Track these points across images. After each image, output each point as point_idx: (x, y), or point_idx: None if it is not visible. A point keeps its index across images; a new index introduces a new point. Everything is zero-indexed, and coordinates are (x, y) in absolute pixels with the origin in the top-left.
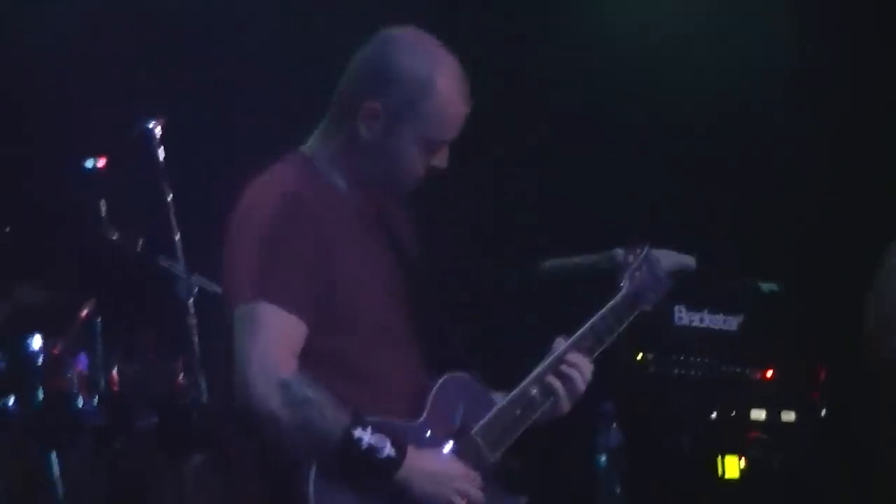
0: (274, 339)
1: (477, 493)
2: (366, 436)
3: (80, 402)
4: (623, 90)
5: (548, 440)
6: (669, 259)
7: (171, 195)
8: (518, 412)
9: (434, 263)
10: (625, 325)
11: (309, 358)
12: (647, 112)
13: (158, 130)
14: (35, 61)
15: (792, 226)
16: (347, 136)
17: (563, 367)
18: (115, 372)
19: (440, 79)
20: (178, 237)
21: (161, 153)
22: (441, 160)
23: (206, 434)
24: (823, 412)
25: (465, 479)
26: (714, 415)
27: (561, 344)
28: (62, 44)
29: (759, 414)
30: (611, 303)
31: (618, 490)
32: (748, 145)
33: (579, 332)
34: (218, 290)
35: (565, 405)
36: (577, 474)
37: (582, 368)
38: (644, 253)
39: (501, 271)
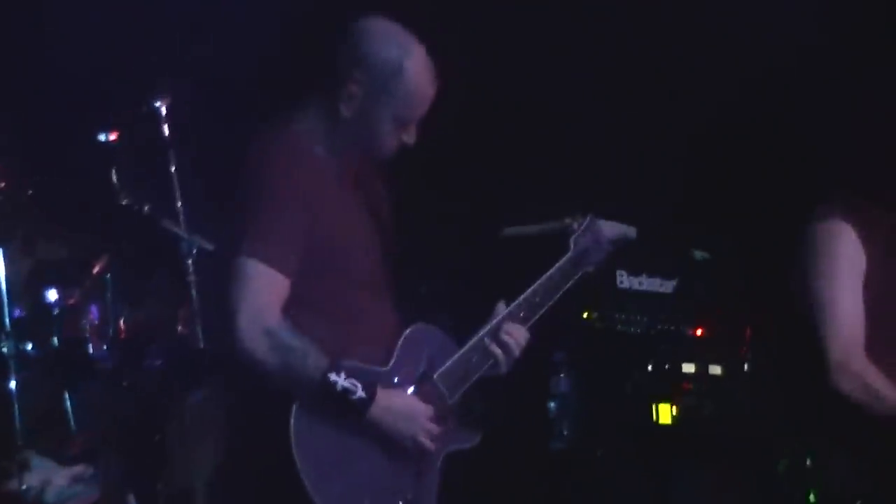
0: (260, 292)
1: (437, 429)
2: (340, 379)
3: (92, 348)
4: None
5: (505, 385)
6: (613, 229)
7: (175, 166)
8: (474, 359)
9: (406, 224)
10: (570, 283)
11: (295, 305)
12: (596, 87)
13: (164, 109)
14: (53, 46)
15: (722, 197)
16: (328, 114)
17: (501, 336)
18: (123, 321)
19: (410, 64)
20: (179, 203)
21: (166, 129)
22: (410, 137)
23: (203, 375)
24: (746, 367)
25: (429, 418)
26: (650, 367)
27: (501, 309)
28: (78, 30)
29: (689, 367)
30: (558, 263)
31: (566, 431)
32: (684, 119)
33: (519, 298)
34: (213, 249)
35: (503, 367)
36: (531, 417)
37: (517, 337)
38: (587, 221)
39: (470, 233)
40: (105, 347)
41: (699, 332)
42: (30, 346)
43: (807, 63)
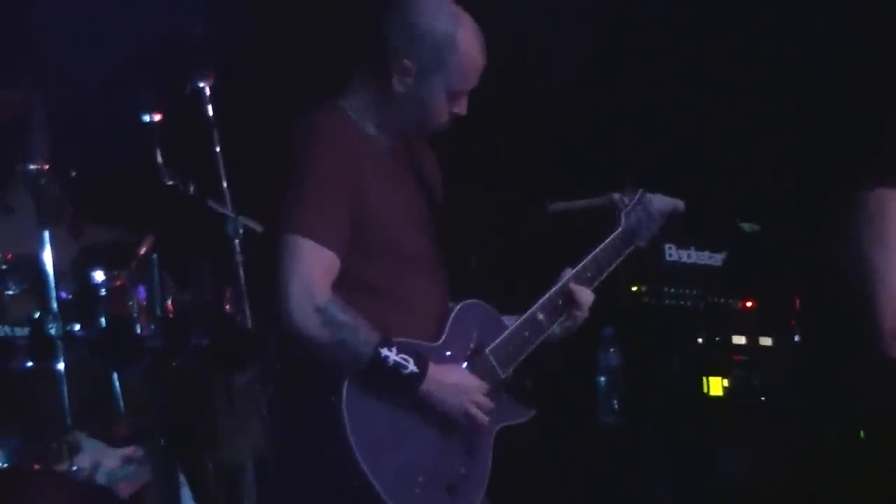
0: (311, 269)
1: (490, 404)
2: (392, 354)
3: (140, 328)
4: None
5: (556, 360)
6: (661, 202)
7: (219, 146)
8: (526, 334)
9: (458, 200)
10: (621, 258)
11: (345, 283)
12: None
13: (208, 89)
14: (96, 25)
15: (770, 168)
16: (380, 89)
17: (569, 296)
18: (170, 301)
19: (462, 36)
20: (225, 183)
21: (210, 109)
22: (462, 107)
23: (252, 354)
24: (797, 338)
25: (480, 392)
26: (700, 340)
27: (567, 273)
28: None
29: (739, 339)
30: (609, 238)
31: (615, 406)
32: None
33: (581, 263)
34: (260, 229)
35: (571, 329)
36: (580, 392)
37: (583, 297)
38: (639, 195)
39: (518, 210)
40: (152, 327)
41: (748, 304)
42: (77, 327)
43: (854, 32)
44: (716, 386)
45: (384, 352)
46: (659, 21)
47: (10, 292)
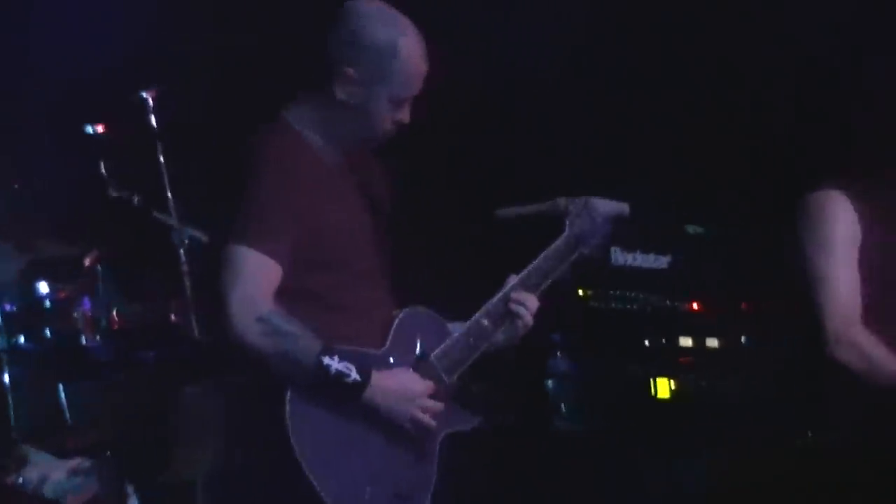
0: (253, 279)
1: (436, 406)
2: (334, 363)
3: (86, 340)
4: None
5: (503, 366)
6: (606, 206)
7: (164, 157)
8: (471, 340)
9: (402, 209)
10: (567, 264)
11: (290, 294)
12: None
13: (151, 100)
14: (39, 38)
15: (716, 170)
16: (324, 99)
17: (512, 304)
18: (115, 313)
19: (404, 43)
20: (170, 193)
21: (154, 120)
22: (405, 115)
23: (199, 365)
24: (743, 339)
25: (425, 395)
26: (647, 343)
27: (512, 279)
28: (64, 23)
29: (686, 341)
30: (554, 244)
31: (565, 410)
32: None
33: (526, 269)
34: (206, 239)
35: (516, 336)
36: (529, 396)
37: (528, 304)
38: (584, 201)
39: (463, 216)
40: (98, 339)
41: (695, 306)
42: (22, 340)
43: (804, 37)
44: (663, 388)
45: (326, 360)
46: (606, 24)
47: None
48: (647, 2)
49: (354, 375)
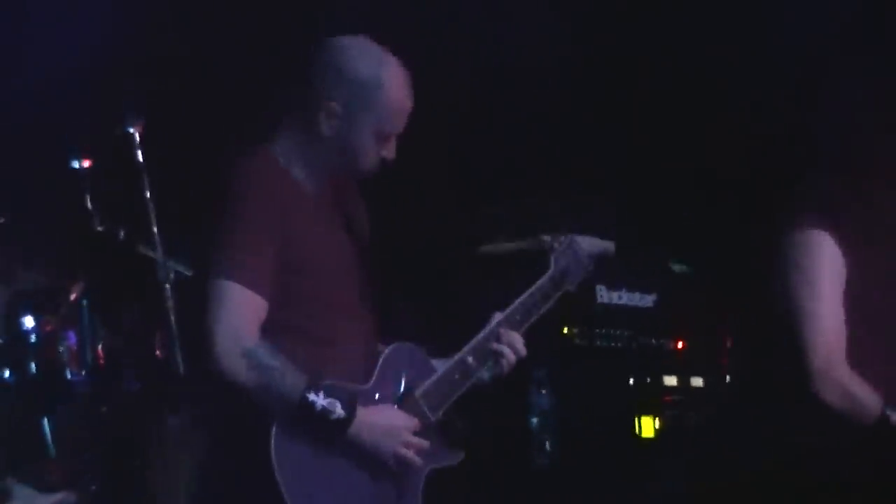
0: (238, 313)
1: (421, 443)
2: (319, 399)
3: (70, 374)
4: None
5: (486, 403)
6: (591, 245)
7: (150, 191)
8: (456, 377)
9: (386, 244)
10: (551, 301)
11: (274, 329)
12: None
13: (137, 135)
14: (25, 71)
15: (699, 209)
16: (307, 132)
17: (496, 345)
18: (100, 346)
19: (388, 78)
20: (155, 228)
21: (140, 155)
22: (390, 151)
23: (183, 398)
24: (728, 378)
25: (410, 431)
26: (631, 381)
27: (497, 317)
28: (49, 56)
29: (671, 380)
30: (539, 281)
31: (548, 447)
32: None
33: (511, 307)
34: (190, 273)
35: (500, 373)
36: (512, 433)
37: (513, 342)
38: (569, 239)
39: (446, 253)
40: (83, 373)
41: (680, 344)
42: (7, 374)
43: (783, 62)
44: (647, 427)
45: (311, 396)
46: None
47: None
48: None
49: (339, 411)
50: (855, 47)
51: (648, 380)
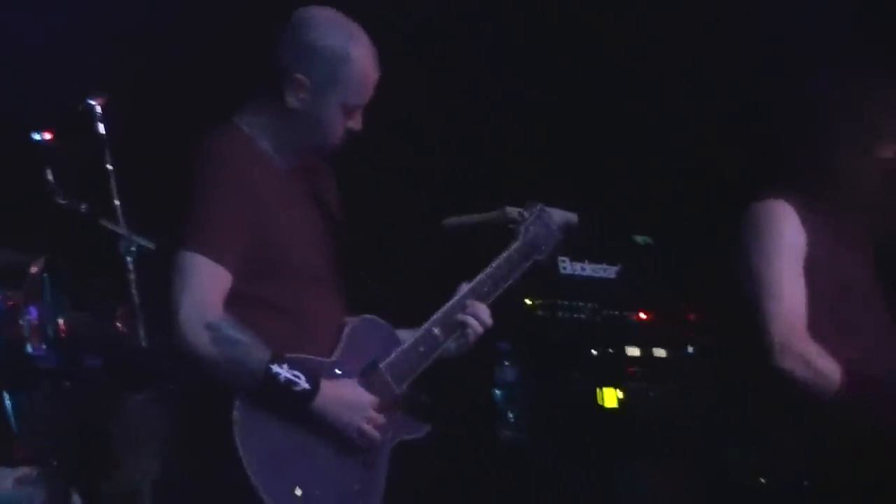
0: (203, 286)
1: (382, 421)
2: (283, 371)
3: (32, 348)
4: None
5: (451, 375)
6: (557, 216)
7: (112, 165)
8: (422, 349)
9: (354, 217)
10: (520, 272)
11: (241, 302)
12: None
13: (100, 108)
14: None
15: (663, 181)
16: (275, 106)
17: (461, 315)
18: (62, 321)
19: (355, 50)
20: (117, 202)
21: (102, 128)
22: (357, 123)
23: (146, 373)
24: (690, 349)
25: (374, 409)
26: (594, 352)
27: (464, 288)
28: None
29: (634, 351)
30: (507, 252)
31: (512, 419)
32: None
33: (478, 278)
34: (153, 247)
35: (467, 344)
36: (477, 405)
37: (479, 313)
38: (538, 209)
39: (414, 225)
40: (45, 347)
41: (643, 316)
42: None
43: (752, 52)
44: (611, 398)
45: (275, 368)
46: (539, 35)
47: None
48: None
49: (304, 384)
50: (814, 26)
51: (611, 351)
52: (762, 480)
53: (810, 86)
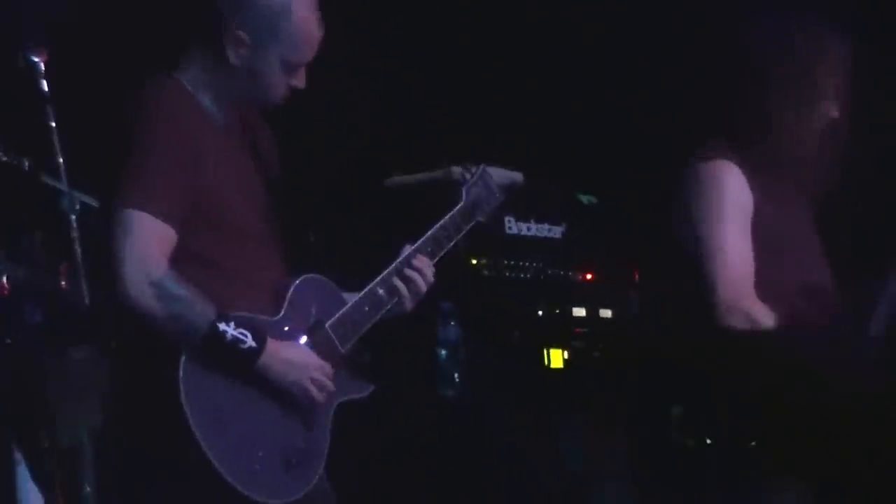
0: (146, 242)
1: (327, 382)
2: (230, 329)
3: None
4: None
5: (395, 335)
6: (500, 175)
7: (54, 121)
8: (366, 309)
9: (294, 175)
10: (462, 233)
11: (183, 259)
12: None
13: (42, 64)
14: None
15: (607, 140)
16: (215, 61)
17: (407, 271)
18: (4, 278)
19: (297, 7)
20: (60, 158)
21: (44, 84)
22: (300, 81)
23: (88, 329)
24: (636, 309)
25: (319, 369)
26: (540, 312)
27: (407, 249)
28: None
29: (579, 311)
30: (450, 213)
31: (456, 379)
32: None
33: (421, 239)
34: (96, 204)
35: (410, 304)
36: (420, 365)
37: (424, 271)
38: (480, 169)
39: (356, 184)
40: None
41: (588, 276)
42: None
43: (692, 6)
44: (556, 358)
45: (221, 326)
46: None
47: None
48: None
49: (250, 342)
50: None
51: (557, 311)
52: (707, 441)
53: (751, 42)
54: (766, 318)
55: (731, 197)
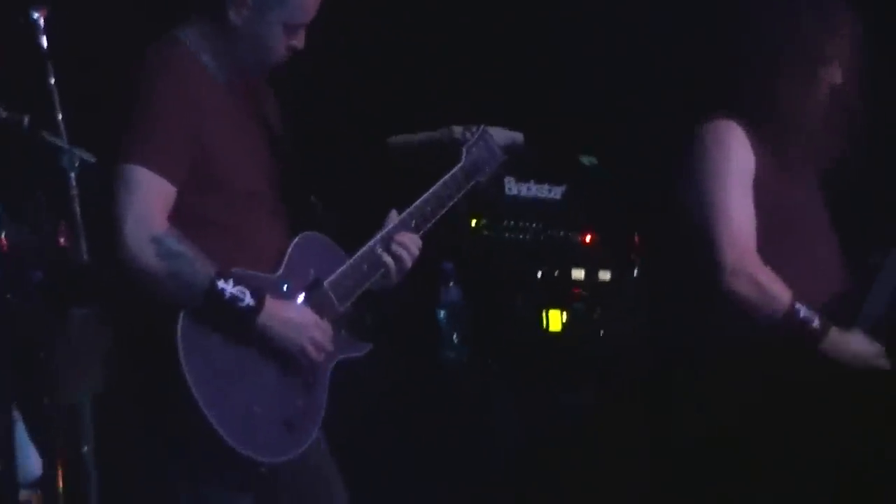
0: (147, 199)
1: (327, 340)
2: (228, 286)
3: None
4: None
5: (394, 295)
6: (501, 135)
7: (54, 78)
8: (365, 268)
9: (296, 135)
10: (462, 193)
11: (184, 216)
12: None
13: (42, 21)
14: None
15: (610, 101)
16: (217, 22)
17: (393, 247)
18: (3, 236)
19: None
20: (60, 115)
21: (44, 41)
22: (300, 41)
23: (88, 289)
24: (636, 272)
25: (317, 328)
26: (539, 274)
27: (393, 218)
28: None
29: (579, 273)
30: (451, 173)
31: (456, 340)
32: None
33: (422, 198)
34: (96, 161)
35: (394, 277)
36: (420, 326)
37: (409, 246)
38: (480, 130)
39: (357, 144)
40: None
41: (588, 238)
42: None
43: None
44: (555, 320)
45: (220, 284)
46: None
47: None
48: None
49: (248, 300)
50: None
51: (556, 273)
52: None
53: (757, 13)
54: (768, 280)
55: (735, 160)
